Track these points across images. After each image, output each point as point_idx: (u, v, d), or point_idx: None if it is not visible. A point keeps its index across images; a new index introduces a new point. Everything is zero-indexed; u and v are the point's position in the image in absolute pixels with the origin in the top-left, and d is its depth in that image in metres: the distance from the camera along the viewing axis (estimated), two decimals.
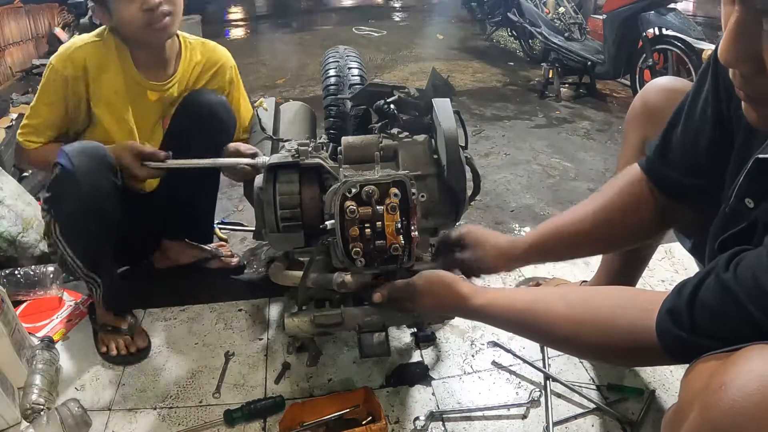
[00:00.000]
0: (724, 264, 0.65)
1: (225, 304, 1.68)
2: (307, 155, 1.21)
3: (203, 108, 1.48)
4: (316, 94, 3.54)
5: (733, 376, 0.54)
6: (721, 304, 0.63)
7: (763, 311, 0.58)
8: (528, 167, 2.63)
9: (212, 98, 1.50)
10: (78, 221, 1.30)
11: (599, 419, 1.26)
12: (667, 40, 3.05)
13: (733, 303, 0.61)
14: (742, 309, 0.60)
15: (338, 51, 2.02)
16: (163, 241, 1.76)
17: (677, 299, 0.69)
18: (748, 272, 0.61)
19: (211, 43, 1.59)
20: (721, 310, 0.63)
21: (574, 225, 1.06)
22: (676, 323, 0.68)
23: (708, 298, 0.65)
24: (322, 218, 1.16)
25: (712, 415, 0.55)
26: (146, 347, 1.48)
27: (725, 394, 0.54)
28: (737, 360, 0.56)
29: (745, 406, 0.52)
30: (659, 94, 1.11)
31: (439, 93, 1.35)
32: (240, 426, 1.26)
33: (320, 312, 1.21)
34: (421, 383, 1.36)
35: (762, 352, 0.55)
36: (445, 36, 5.80)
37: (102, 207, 1.29)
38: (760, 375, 0.53)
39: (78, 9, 4.35)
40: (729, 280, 0.62)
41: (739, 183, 0.76)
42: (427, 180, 1.24)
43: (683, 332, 0.67)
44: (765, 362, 0.54)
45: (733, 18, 0.55)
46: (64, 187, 1.27)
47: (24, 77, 4.03)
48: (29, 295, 1.66)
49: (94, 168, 1.27)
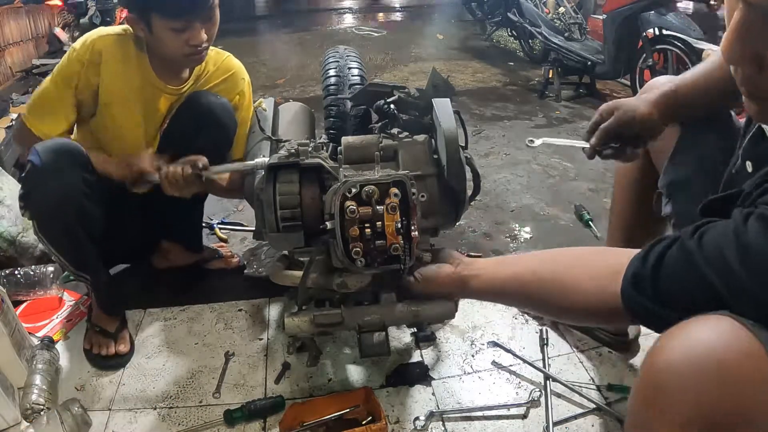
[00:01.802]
0: (689, 233, 0.67)
1: (225, 304, 1.68)
2: (307, 155, 1.21)
3: (202, 109, 1.45)
4: (316, 94, 3.54)
5: (671, 340, 0.61)
6: (683, 272, 0.66)
7: (722, 282, 0.61)
8: (528, 167, 2.63)
9: (212, 100, 1.47)
10: (51, 218, 1.30)
11: (599, 419, 1.26)
12: (667, 40, 3.04)
13: (695, 271, 0.64)
14: (704, 278, 0.63)
15: (338, 51, 2.02)
16: (162, 242, 1.76)
17: (643, 266, 0.71)
18: (712, 243, 0.63)
19: (226, 53, 1.58)
20: (683, 278, 0.66)
21: None
22: (640, 290, 0.70)
23: (671, 265, 0.67)
24: (322, 218, 1.16)
25: (651, 373, 0.61)
26: (126, 354, 1.47)
27: (663, 356, 0.60)
28: (679, 327, 0.61)
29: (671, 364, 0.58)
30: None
31: (439, 93, 1.35)
32: (240, 426, 1.26)
33: (320, 312, 1.21)
34: (421, 383, 1.36)
35: (703, 321, 0.60)
36: (445, 36, 5.80)
37: (75, 203, 1.28)
38: (691, 339, 0.59)
39: (78, 9, 4.34)
40: (693, 249, 0.65)
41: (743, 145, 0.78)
42: (427, 180, 1.24)
43: (646, 299, 0.69)
44: (701, 329, 0.59)
45: (736, 16, 0.55)
46: (34, 184, 1.26)
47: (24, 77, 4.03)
48: (29, 295, 1.66)
49: (64, 164, 1.26)
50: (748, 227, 0.61)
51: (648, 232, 1.30)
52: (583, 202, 2.21)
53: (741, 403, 0.55)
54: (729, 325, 0.58)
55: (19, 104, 3.28)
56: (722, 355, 0.56)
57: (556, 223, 2.13)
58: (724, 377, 0.56)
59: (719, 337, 0.58)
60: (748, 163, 0.78)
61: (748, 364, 0.56)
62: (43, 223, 1.32)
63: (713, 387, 0.56)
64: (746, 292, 0.60)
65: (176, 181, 1.31)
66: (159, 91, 1.47)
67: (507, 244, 2.00)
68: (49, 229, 1.33)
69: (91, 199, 1.31)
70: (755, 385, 0.55)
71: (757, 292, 0.59)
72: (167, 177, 1.31)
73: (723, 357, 0.56)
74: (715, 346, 0.57)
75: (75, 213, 1.28)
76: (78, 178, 1.28)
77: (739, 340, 0.57)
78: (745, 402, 0.55)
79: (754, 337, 0.57)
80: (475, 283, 1.04)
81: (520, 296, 0.97)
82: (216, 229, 2.09)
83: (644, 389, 0.62)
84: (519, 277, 0.95)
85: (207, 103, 1.46)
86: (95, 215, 1.34)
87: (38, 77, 3.85)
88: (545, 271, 0.91)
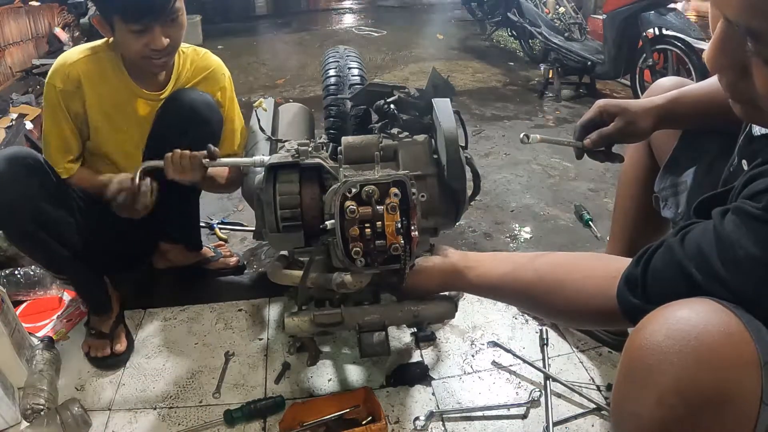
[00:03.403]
0: (674, 233, 0.71)
1: (225, 304, 1.68)
2: (307, 155, 1.21)
3: (185, 107, 1.42)
4: (316, 94, 3.54)
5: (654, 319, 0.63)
6: (666, 268, 0.69)
7: (704, 275, 0.65)
8: (528, 167, 2.63)
9: (194, 96, 1.44)
10: (7, 225, 1.31)
11: (599, 419, 1.26)
12: (667, 40, 3.04)
13: (677, 266, 0.68)
14: (683, 271, 0.67)
15: (338, 51, 2.01)
16: (161, 244, 1.76)
17: (635, 267, 0.74)
18: (693, 239, 0.67)
19: (204, 50, 1.57)
20: (667, 275, 0.69)
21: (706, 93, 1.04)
22: (632, 291, 0.74)
23: (657, 264, 0.71)
24: (322, 218, 1.16)
25: (633, 349, 0.64)
26: (123, 352, 1.47)
27: (645, 333, 0.63)
28: (662, 308, 0.64)
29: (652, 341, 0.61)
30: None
31: (439, 93, 1.35)
32: (240, 426, 1.26)
33: (320, 311, 1.21)
34: (421, 383, 1.36)
35: (686, 302, 0.63)
36: (445, 36, 5.80)
37: (28, 208, 1.27)
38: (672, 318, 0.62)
39: (78, 9, 4.34)
40: (675, 246, 0.69)
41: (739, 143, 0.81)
42: (427, 180, 1.24)
43: (637, 299, 0.72)
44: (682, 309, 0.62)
45: (718, 29, 0.57)
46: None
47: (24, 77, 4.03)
48: (29, 295, 1.66)
49: (18, 172, 1.26)
50: (725, 221, 0.64)
51: (652, 231, 1.31)
52: (583, 202, 2.21)
53: (720, 379, 0.56)
54: (710, 305, 0.61)
55: (19, 104, 3.28)
56: (703, 333, 0.58)
57: (556, 223, 2.13)
58: (704, 354, 0.57)
59: (699, 316, 0.60)
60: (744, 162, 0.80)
61: (728, 342, 0.57)
62: (5, 231, 1.35)
63: (693, 363, 0.57)
64: (722, 280, 0.62)
65: (180, 164, 1.31)
66: (140, 99, 1.47)
67: (507, 244, 2.00)
68: (11, 236, 1.35)
69: (51, 202, 1.31)
70: (734, 363, 0.57)
71: (733, 280, 0.62)
72: (172, 158, 1.31)
73: (703, 334, 0.58)
74: (696, 323, 0.59)
75: (30, 218, 1.28)
76: (30, 183, 1.28)
77: (720, 320, 0.59)
78: (723, 379, 0.56)
79: (734, 317, 0.59)
80: (471, 275, 1.04)
81: (517, 293, 0.98)
82: (216, 229, 2.09)
83: (626, 365, 0.64)
84: (517, 275, 0.96)
85: (189, 101, 1.44)
86: (59, 217, 1.34)
87: (38, 77, 3.85)
88: (545, 271, 0.92)
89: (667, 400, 0.58)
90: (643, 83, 3.25)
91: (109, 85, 1.43)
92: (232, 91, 1.60)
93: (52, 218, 1.32)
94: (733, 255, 0.62)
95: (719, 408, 0.56)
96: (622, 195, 1.38)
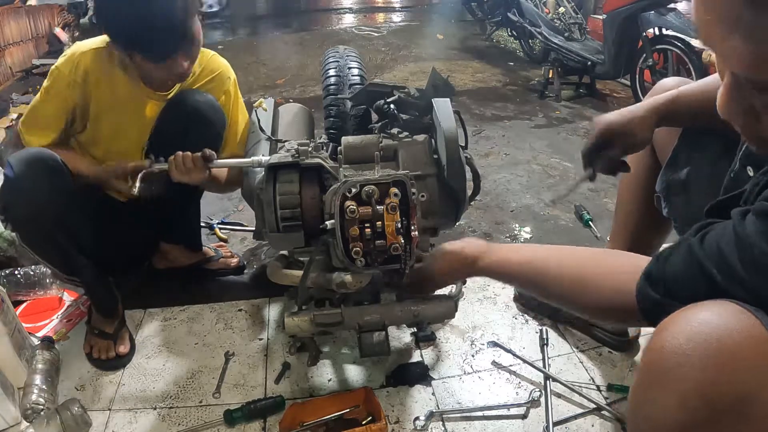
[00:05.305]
0: (693, 232, 0.72)
1: (225, 304, 1.68)
2: (307, 155, 1.21)
3: (188, 108, 1.43)
4: (316, 94, 3.54)
5: (674, 322, 0.63)
6: (686, 266, 0.69)
7: (724, 275, 0.64)
8: (528, 167, 2.63)
9: (198, 98, 1.45)
10: (30, 228, 1.31)
11: (599, 419, 1.26)
12: (667, 40, 3.04)
13: (699, 267, 0.67)
14: (706, 273, 0.66)
15: (338, 51, 2.01)
16: (162, 244, 1.76)
17: (656, 264, 0.74)
18: (713, 242, 0.67)
19: (211, 52, 1.57)
20: (687, 274, 0.69)
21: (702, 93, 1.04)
22: (653, 287, 0.73)
23: (677, 263, 0.71)
24: (322, 218, 1.16)
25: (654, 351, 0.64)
26: (126, 354, 1.47)
27: (666, 335, 0.63)
28: (682, 310, 0.64)
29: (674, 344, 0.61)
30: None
31: (439, 93, 1.35)
32: (240, 426, 1.26)
33: (320, 311, 1.21)
34: (421, 383, 1.36)
35: (706, 304, 0.62)
36: (445, 36, 5.79)
37: (52, 211, 1.28)
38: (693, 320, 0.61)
39: (78, 9, 4.34)
40: (695, 247, 0.69)
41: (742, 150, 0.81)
42: (427, 180, 1.24)
43: (658, 295, 0.72)
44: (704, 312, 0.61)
45: (726, 80, 0.58)
46: (10, 196, 1.27)
47: (24, 77, 4.04)
48: (29, 295, 1.66)
49: (36, 174, 1.26)
50: (746, 222, 0.64)
51: (653, 230, 1.31)
52: (583, 202, 2.21)
53: (742, 381, 0.56)
54: (731, 308, 0.60)
55: (20, 104, 3.28)
56: (724, 335, 0.58)
57: (556, 223, 2.13)
58: (726, 357, 0.57)
59: (721, 318, 0.60)
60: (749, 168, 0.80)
61: (749, 344, 0.57)
62: (24, 234, 1.34)
63: (715, 366, 0.57)
64: (741, 281, 0.62)
65: (185, 166, 1.32)
66: (147, 98, 1.47)
67: (507, 244, 2.00)
68: (31, 239, 1.35)
69: (70, 205, 1.32)
70: (756, 365, 0.57)
71: (752, 281, 0.62)
72: (176, 160, 1.33)
73: (725, 337, 0.58)
74: (717, 325, 0.59)
75: (53, 221, 1.29)
76: (53, 185, 1.28)
77: (741, 322, 0.59)
78: (745, 381, 0.56)
79: (755, 319, 0.59)
80: (486, 259, 1.03)
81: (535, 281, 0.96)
82: (216, 229, 2.09)
83: (646, 368, 0.64)
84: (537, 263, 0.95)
85: (193, 102, 1.44)
86: (78, 220, 1.34)
87: (38, 77, 3.85)
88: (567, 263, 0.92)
89: (689, 403, 0.58)
90: (643, 83, 3.25)
91: (117, 83, 1.43)
92: (237, 93, 1.60)
93: (70, 219, 1.32)
94: (752, 255, 0.62)
95: (742, 410, 0.56)
96: (623, 194, 1.38)
